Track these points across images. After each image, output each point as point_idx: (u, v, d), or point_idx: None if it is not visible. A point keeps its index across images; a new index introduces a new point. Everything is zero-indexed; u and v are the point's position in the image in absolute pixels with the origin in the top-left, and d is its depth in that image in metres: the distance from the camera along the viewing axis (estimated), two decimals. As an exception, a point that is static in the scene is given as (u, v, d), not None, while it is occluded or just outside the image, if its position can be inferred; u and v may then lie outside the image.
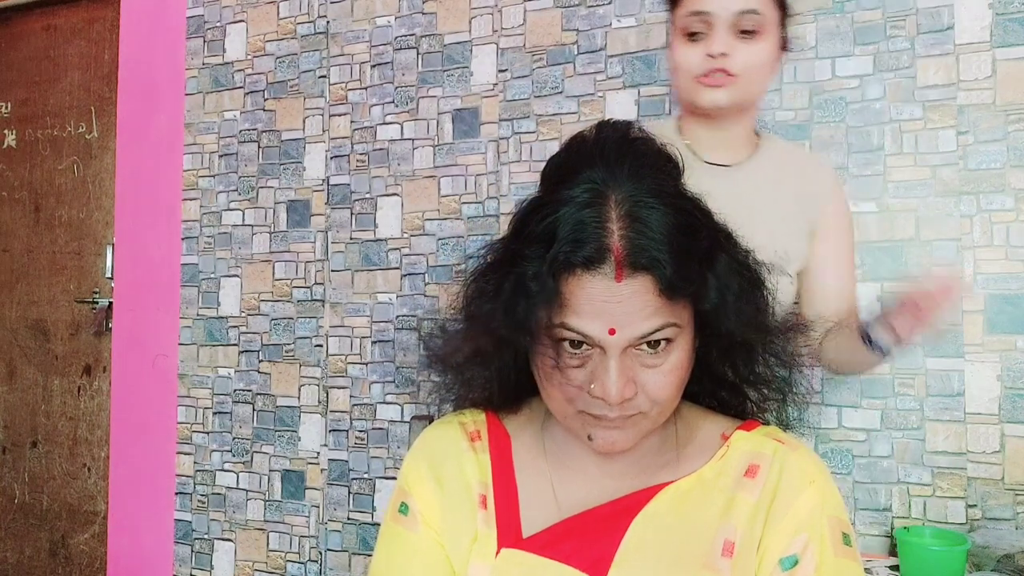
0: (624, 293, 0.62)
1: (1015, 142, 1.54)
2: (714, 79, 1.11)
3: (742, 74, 1.11)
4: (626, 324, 0.62)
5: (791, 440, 0.71)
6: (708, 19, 1.10)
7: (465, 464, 0.75)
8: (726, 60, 1.10)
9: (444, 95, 2.02)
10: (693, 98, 1.15)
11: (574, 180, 0.65)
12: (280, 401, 2.18)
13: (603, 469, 0.72)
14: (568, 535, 0.68)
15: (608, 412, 0.64)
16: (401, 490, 0.77)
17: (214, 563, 2.23)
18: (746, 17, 1.09)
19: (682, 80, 1.16)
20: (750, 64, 1.11)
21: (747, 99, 1.15)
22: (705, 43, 1.11)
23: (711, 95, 1.12)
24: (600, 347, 0.63)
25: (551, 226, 0.63)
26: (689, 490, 0.69)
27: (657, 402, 0.65)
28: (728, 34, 1.10)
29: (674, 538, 0.67)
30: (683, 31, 1.14)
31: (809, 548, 0.64)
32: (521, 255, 0.64)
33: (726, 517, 0.66)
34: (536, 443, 0.75)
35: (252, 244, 2.24)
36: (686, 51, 1.13)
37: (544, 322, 0.63)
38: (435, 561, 0.73)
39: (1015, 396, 1.52)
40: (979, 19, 1.57)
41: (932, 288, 1.03)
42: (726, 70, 1.10)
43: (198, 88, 2.33)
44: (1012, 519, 1.51)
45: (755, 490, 0.67)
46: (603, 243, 0.62)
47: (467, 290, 0.70)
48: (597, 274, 0.62)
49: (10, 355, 2.64)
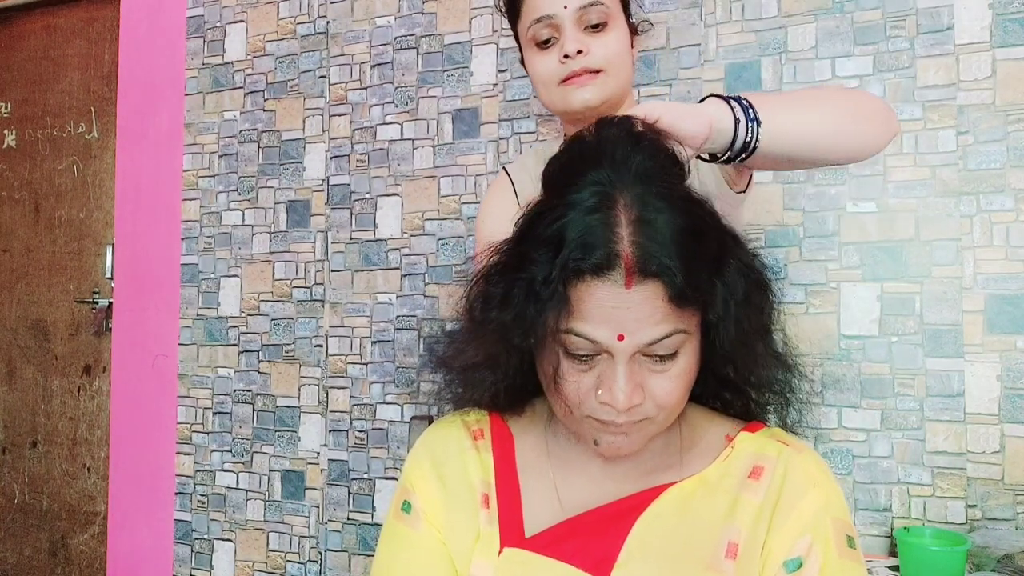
0: (634, 300, 0.61)
1: (1015, 142, 1.54)
2: (579, 80, 1.07)
3: (604, 67, 1.07)
4: (635, 330, 0.61)
5: (795, 442, 0.71)
6: (554, 22, 1.06)
7: (468, 463, 0.75)
8: (584, 58, 1.06)
9: (444, 95, 2.02)
10: (563, 106, 1.10)
11: (580, 183, 0.64)
12: (280, 401, 2.18)
13: (606, 470, 0.72)
14: (571, 535, 0.68)
15: (615, 418, 0.64)
16: (404, 488, 0.77)
17: (214, 563, 2.23)
18: (591, 10, 1.06)
19: (548, 91, 1.11)
20: (609, 56, 1.07)
21: (616, 91, 1.10)
22: (557, 47, 1.07)
23: (580, 95, 1.08)
24: (608, 352, 0.63)
25: (559, 231, 0.63)
26: (693, 491, 0.69)
27: (664, 408, 0.65)
28: (577, 32, 1.06)
29: (677, 539, 0.66)
30: (532, 41, 1.10)
31: (813, 550, 0.64)
32: (529, 259, 0.63)
33: (730, 518, 0.66)
34: (540, 444, 0.75)
35: (252, 244, 2.24)
36: (541, 60, 1.10)
37: (552, 328, 0.63)
38: (437, 559, 0.72)
39: (1015, 396, 1.52)
40: (979, 19, 1.57)
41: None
42: (587, 68, 1.06)
43: (198, 88, 2.33)
44: (1012, 519, 1.51)
45: (759, 492, 0.67)
46: (613, 249, 0.61)
47: (471, 293, 0.70)
48: (607, 280, 0.61)
49: (10, 355, 2.64)
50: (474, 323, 0.69)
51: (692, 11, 1.78)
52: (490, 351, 0.68)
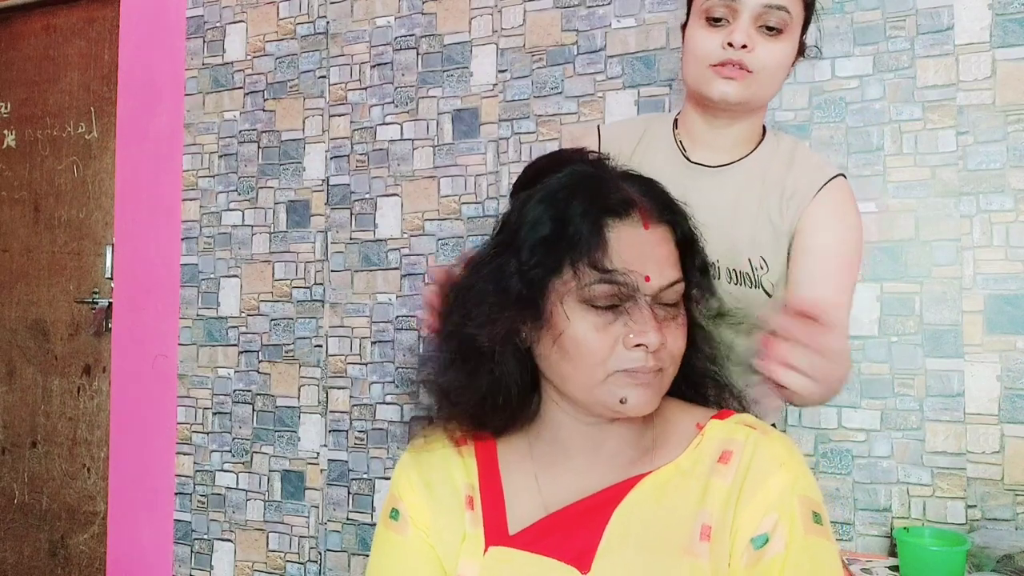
0: (652, 240, 0.67)
1: (1015, 142, 1.54)
2: (729, 71, 1.02)
3: (759, 72, 1.03)
4: (657, 272, 0.67)
5: (763, 426, 0.72)
6: (734, 6, 1.01)
7: (452, 468, 0.77)
8: (745, 53, 1.01)
9: (444, 95, 2.02)
10: (702, 88, 1.06)
11: (558, 172, 0.73)
12: (280, 401, 2.18)
13: (587, 464, 0.73)
14: (553, 529, 0.70)
15: (646, 363, 0.66)
16: (392, 496, 0.80)
17: (213, 563, 2.23)
18: (774, 13, 1.01)
19: (694, 67, 1.06)
20: (769, 63, 1.03)
21: (758, 99, 1.07)
22: (726, 31, 1.02)
23: (722, 87, 1.03)
24: (631, 299, 0.66)
25: (560, 186, 0.70)
26: (667, 479, 0.70)
27: (675, 359, 0.69)
28: (751, 27, 1.01)
29: (655, 526, 0.68)
30: (704, 14, 1.04)
31: (779, 527, 0.65)
32: (524, 234, 0.69)
33: (702, 503, 0.68)
34: (522, 445, 0.77)
35: (252, 244, 2.24)
36: (704, 36, 1.04)
37: (579, 284, 0.66)
38: (425, 562, 0.75)
39: (1015, 396, 1.52)
40: (979, 19, 1.57)
41: (791, 320, 0.71)
42: (743, 64, 1.02)
43: (198, 88, 2.33)
44: (1012, 519, 1.51)
45: (728, 475, 0.68)
46: (624, 196, 0.68)
47: (461, 294, 0.73)
48: (627, 221, 0.67)
49: (10, 355, 2.64)
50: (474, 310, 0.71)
51: (692, 11, 1.78)
52: (497, 325, 0.69)
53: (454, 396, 0.74)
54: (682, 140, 1.14)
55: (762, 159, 1.12)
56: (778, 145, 1.14)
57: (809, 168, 1.10)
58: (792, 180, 1.08)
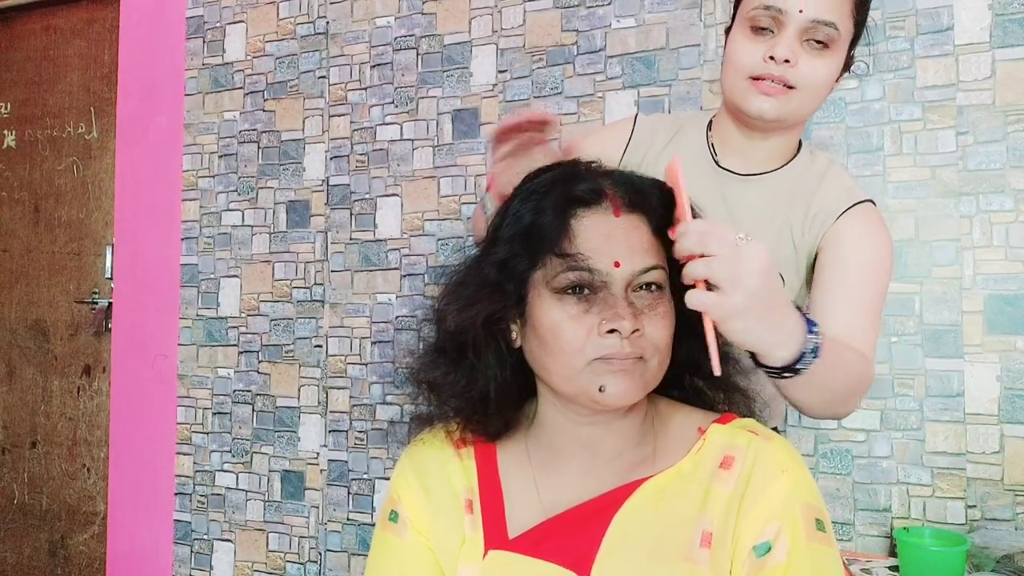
0: (625, 227, 0.68)
1: (1015, 142, 1.54)
2: (768, 86, 0.98)
3: (801, 88, 0.98)
4: (627, 258, 0.67)
5: (765, 431, 0.72)
6: (780, 17, 0.96)
7: (451, 471, 0.77)
8: (788, 68, 0.97)
9: (444, 95, 2.02)
10: (739, 100, 1.01)
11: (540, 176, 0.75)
12: (280, 402, 2.18)
13: (585, 468, 0.73)
14: (552, 534, 0.70)
15: (620, 348, 0.66)
16: (391, 499, 0.80)
17: (213, 564, 2.23)
18: (822, 29, 0.96)
19: (732, 77, 1.02)
20: (811, 80, 0.98)
21: (796, 116, 1.02)
22: (770, 43, 0.97)
23: (759, 103, 0.99)
24: (604, 284, 0.67)
25: (541, 183, 0.72)
26: (668, 484, 0.70)
27: (657, 349, 0.68)
28: (796, 41, 0.96)
29: (654, 532, 0.68)
30: (748, 23, 0.99)
31: (782, 535, 0.65)
32: (510, 226, 0.72)
33: (703, 509, 0.68)
34: (520, 449, 0.77)
35: (252, 244, 2.24)
36: (746, 45, 0.99)
37: (549, 274, 0.68)
38: (424, 564, 0.75)
39: (1015, 396, 1.52)
40: (979, 20, 1.57)
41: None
42: (785, 80, 0.97)
43: (198, 88, 2.33)
44: (1012, 520, 1.51)
45: (730, 481, 0.68)
46: (595, 185, 0.70)
47: (450, 288, 0.75)
48: (597, 210, 0.69)
49: (9, 355, 2.64)
50: (462, 298, 0.73)
51: (692, 11, 1.78)
52: (480, 309, 0.71)
53: (440, 391, 0.76)
54: (714, 143, 1.11)
55: (793, 174, 1.08)
56: (812, 162, 1.10)
57: (838, 189, 1.06)
58: (819, 199, 1.05)
